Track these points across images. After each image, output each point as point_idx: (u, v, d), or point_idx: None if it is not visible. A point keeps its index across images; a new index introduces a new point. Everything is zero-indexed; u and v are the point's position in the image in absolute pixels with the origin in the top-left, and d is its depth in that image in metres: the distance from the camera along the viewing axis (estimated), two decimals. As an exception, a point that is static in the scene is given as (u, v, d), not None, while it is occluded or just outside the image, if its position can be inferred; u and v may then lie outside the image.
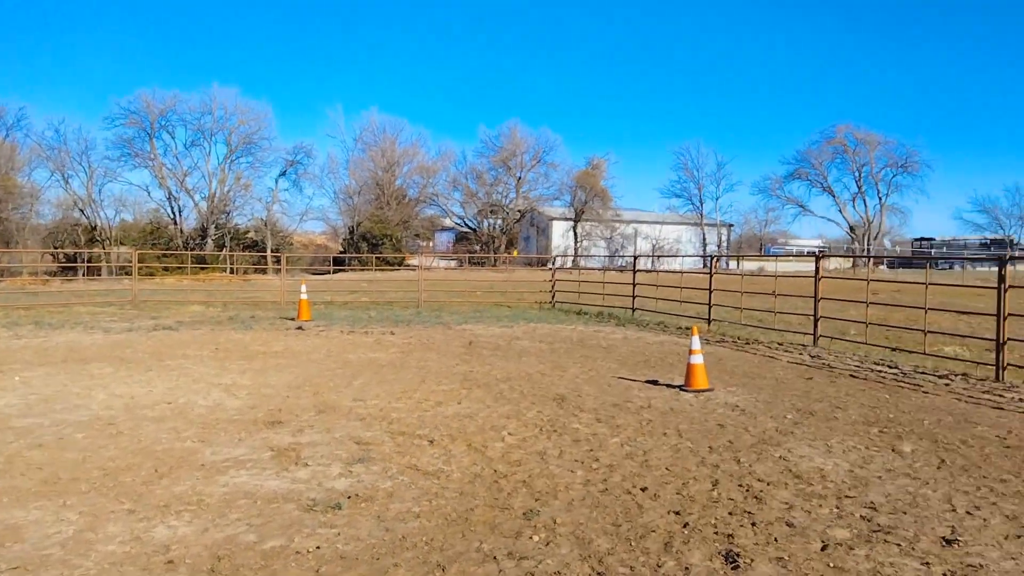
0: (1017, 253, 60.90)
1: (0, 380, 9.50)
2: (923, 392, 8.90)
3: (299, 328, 16.05)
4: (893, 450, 6.21)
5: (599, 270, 38.88)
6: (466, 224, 71.17)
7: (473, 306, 22.28)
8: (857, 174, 68.67)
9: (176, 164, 55.62)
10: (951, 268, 55.59)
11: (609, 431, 6.88)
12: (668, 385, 9.37)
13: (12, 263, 38.57)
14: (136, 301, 22.22)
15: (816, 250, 72.60)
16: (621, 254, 63.08)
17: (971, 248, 65.85)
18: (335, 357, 11.83)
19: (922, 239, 72.53)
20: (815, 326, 12.78)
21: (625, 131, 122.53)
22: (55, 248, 49.54)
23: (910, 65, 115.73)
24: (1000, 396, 8.60)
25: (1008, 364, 9.31)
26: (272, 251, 50.57)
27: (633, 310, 18.95)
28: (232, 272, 47.19)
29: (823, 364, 11.07)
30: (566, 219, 66.56)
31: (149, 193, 55.76)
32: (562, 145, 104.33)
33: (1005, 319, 9.14)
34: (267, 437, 6.73)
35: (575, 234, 65.41)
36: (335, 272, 44.22)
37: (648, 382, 9.59)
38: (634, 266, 19.47)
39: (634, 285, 19.11)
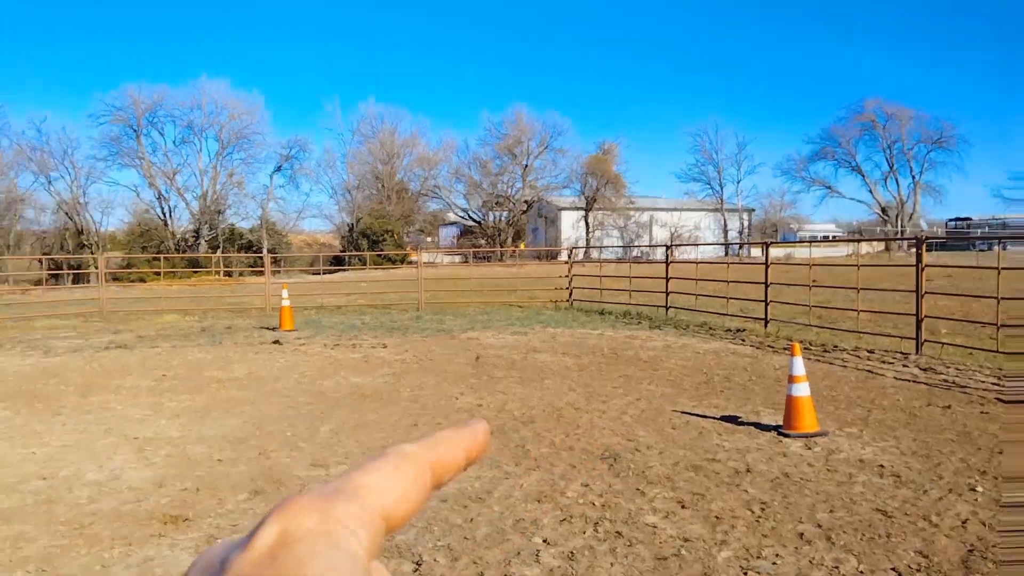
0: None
1: None
2: None
3: (276, 342, 13.46)
4: None
5: (616, 261, 36.25)
6: (470, 217, 68.42)
7: (480, 307, 19.64)
8: (888, 152, 65.25)
9: (166, 162, 53.04)
10: (989, 249, 52.55)
11: (707, 531, 4.24)
12: (756, 425, 6.71)
13: (1, 272, 36.20)
14: (104, 312, 19.66)
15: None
16: (637, 243, 60.12)
17: (1011, 227, 62.50)
18: (308, 385, 9.23)
19: (958, 219, 68.82)
20: (918, 329, 10.05)
21: (638, 113, 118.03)
22: (44, 255, 47.09)
23: (942, 33, 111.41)
24: None
25: None
26: (268, 251, 48.00)
27: (667, 308, 16.27)
28: (228, 275, 44.88)
29: (948, 383, 8.36)
30: (576, 208, 63.67)
31: (138, 194, 53.12)
32: (571, 130, 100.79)
33: None
34: (150, 558, 4.11)
35: (586, 224, 62.55)
36: (334, 271, 41.68)
37: (725, 419, 6.94)
38: (667, 257, 16.77)
39: (667, 279, 16.42)
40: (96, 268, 37.77)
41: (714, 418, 6.98)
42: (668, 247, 17.42)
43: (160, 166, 52.69)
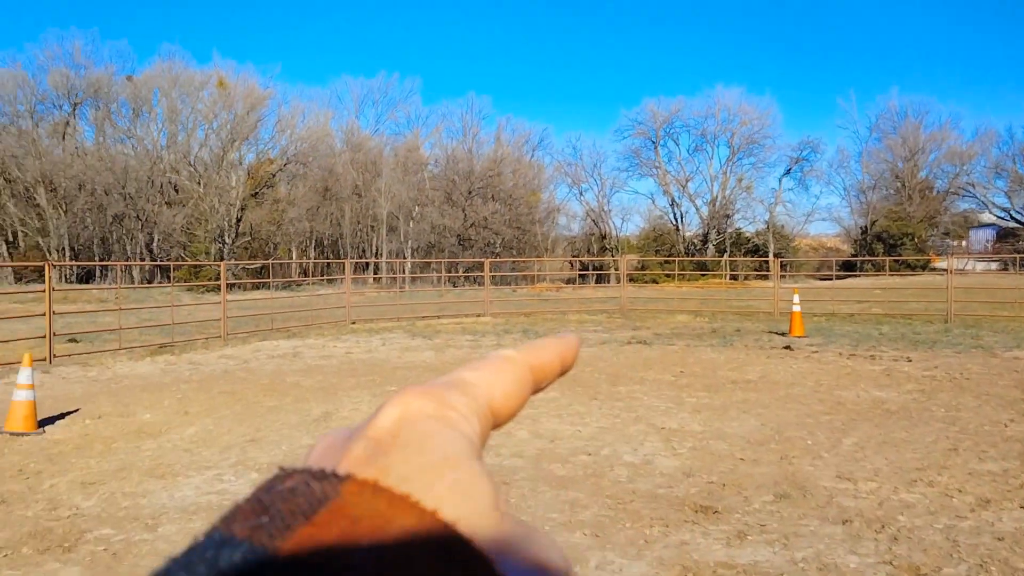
0: None
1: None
2: None
3: (787, 347, 13.30)
4: None
5: None
6: (1013, 217, 58.62)
7: (1029, 323, 16.70)
8: None
9: (679, 170, 56.48)
10: None
11: None
12: None
13: (540, 271, 42.89)
14: (624, 310, 21.75)
15: None
16: None
17: None
18: (824, 394, 8.93)
19: None
20: None
21: None
22: (573, 256, 54.13)
23: None
24: None
25: None
26: (774, 255, 47.76)
27: None
28: (733, 278, 45.88)
29: None
30: None
31: (653, 201, 57.63)
32: None
33: None
34: (686, 542, 4.39)
35: None
36: (843, 277, 39.64)
37: None
38: None
39: None
40: (616, 269, 41.97)
41: None
42: None
43: (674, 174, 56.36)
